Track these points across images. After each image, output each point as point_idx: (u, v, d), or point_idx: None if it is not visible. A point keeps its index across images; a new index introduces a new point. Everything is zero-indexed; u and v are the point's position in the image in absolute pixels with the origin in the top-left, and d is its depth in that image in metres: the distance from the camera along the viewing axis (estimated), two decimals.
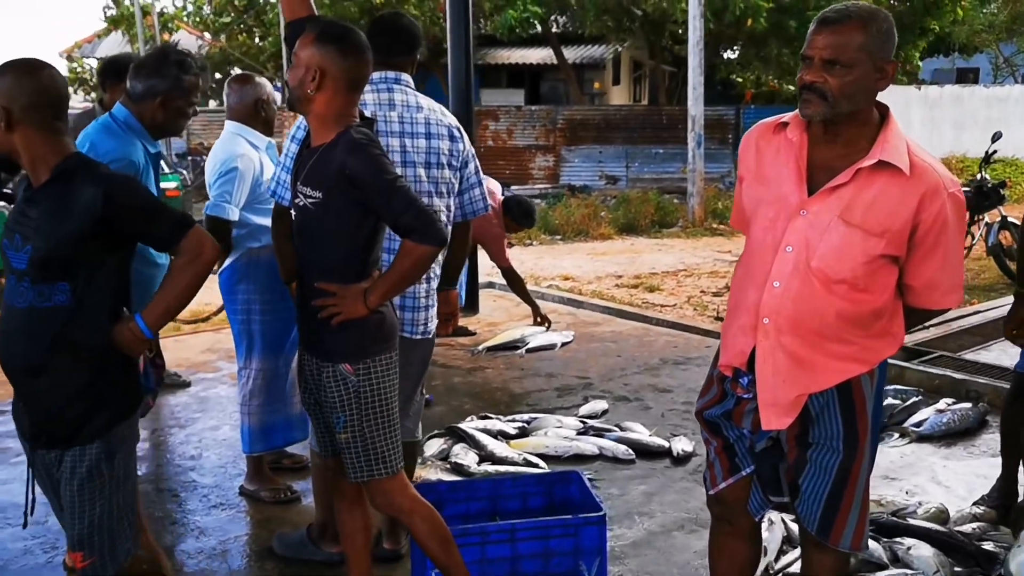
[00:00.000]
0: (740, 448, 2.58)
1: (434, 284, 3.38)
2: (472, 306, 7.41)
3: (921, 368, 5.44)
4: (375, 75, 3.33)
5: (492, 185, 6.54)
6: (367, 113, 3.21)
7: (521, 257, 11.41)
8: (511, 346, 6.40)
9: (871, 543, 3.27)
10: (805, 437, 2.45)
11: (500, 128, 20.14)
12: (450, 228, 3.41)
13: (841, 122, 2.31)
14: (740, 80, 24.11)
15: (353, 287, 2.68)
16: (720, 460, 2.61)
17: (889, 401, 4.88)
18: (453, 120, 3.41)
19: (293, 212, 2.81)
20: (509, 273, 6.53)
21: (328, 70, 2.64)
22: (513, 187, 18.11)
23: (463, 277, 6.93)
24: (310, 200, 2.70)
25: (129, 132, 3.13)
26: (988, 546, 3.34)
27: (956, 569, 3.23)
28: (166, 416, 5.23)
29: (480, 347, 6.39)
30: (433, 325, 3.41)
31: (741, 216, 2.58)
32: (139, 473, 4.33)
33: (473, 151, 3.51)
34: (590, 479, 4.10)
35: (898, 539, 3.35)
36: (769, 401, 2.41)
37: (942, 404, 4.85)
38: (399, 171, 3.23)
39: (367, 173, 2.60)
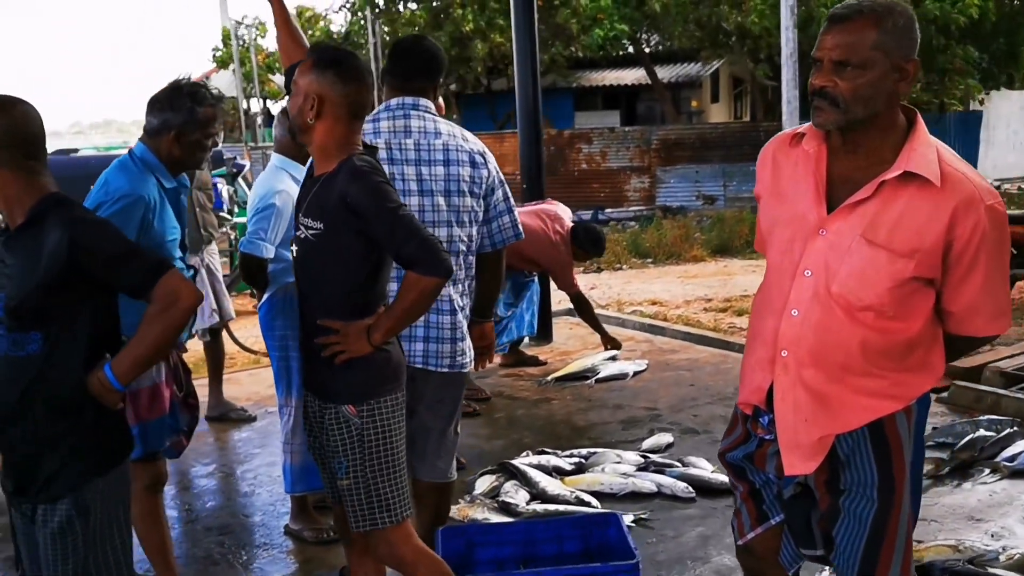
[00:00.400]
0: (767, 494, 2.33)
1: (460, 316, 3.22)
2: (545, 335, 7.21)
3: (1018, 395, 4.98)
4: (392, 101, 3.23)
5: (561, 211, 6.39)
6: (382, 140, 3.12)
7: (609, 282, 11.18)
8: (581, 376, 6.15)
9: None
10: (836, 483, 2.19)
11: (594, 150, 19.90)
12: (472, 258, 3.27)
13: (860, 130, 2.07)
14: None
15: (356, 324, 2.55)
16: (747, 507, 2.38)
17: (981, 433, 4.48)
18: (476, 146, 3.27)
19: (294, 246, 2.71)
20: (578, 299, 6.41)
21: (327, 97, 2.54)
22: (608, 209, 17.93)
23: (534, 305, 6.79)
24: (312, 232, 2.59)
25: (144, 168, 3.08)
26: None
27: None
28: (229, 451, 5.23)
29: (549, 378, 6.18)
30: (465, 359, 3.26)
31: (762, 238, 2.34)
32: (189, 510, 4.37)
33: (501, 177, 3.35)
34: (642, 520, 3.89)
35: None
36: (791, 443, 2.17)
37: None
38: (416, 200, 3.12)
39: (369, 201, 2.48)
